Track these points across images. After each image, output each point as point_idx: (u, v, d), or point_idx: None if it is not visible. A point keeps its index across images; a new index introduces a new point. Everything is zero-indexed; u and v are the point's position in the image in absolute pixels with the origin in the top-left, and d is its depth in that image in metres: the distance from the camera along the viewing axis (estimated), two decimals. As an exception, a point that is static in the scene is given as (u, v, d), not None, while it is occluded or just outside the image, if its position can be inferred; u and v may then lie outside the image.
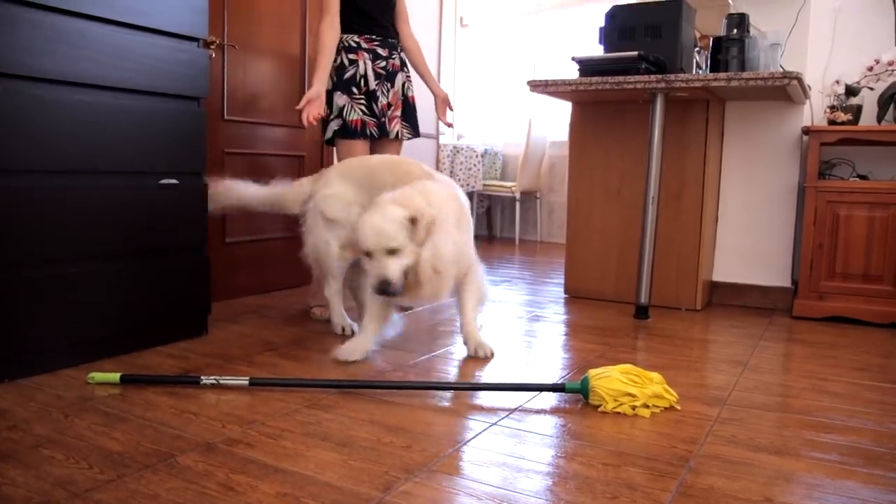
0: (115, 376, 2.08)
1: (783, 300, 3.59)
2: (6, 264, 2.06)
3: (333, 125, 3.03)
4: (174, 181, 2.54)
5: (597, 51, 3.48)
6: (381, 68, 3.08)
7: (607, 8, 3.49)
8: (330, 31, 2.97)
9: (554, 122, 6.46)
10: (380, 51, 3.09)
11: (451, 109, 3.39)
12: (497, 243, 6.67)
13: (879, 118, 3.40)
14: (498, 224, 7.17)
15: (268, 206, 2.93)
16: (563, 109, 3.91)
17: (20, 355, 2.12)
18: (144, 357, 2.40)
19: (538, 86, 3.42)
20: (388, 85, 3.11)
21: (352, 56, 3.03)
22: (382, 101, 3.07)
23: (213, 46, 3.26)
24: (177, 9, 2.50)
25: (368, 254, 2.23)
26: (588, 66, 3.33)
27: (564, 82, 3.32)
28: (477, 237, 2.43)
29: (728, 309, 3.58)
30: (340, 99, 3.01)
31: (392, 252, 2.21)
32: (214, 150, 3.30)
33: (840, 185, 3.30)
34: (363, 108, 3.02)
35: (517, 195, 6.38)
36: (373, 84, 3.04)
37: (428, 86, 3.37)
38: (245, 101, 3.51)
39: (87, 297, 2.28)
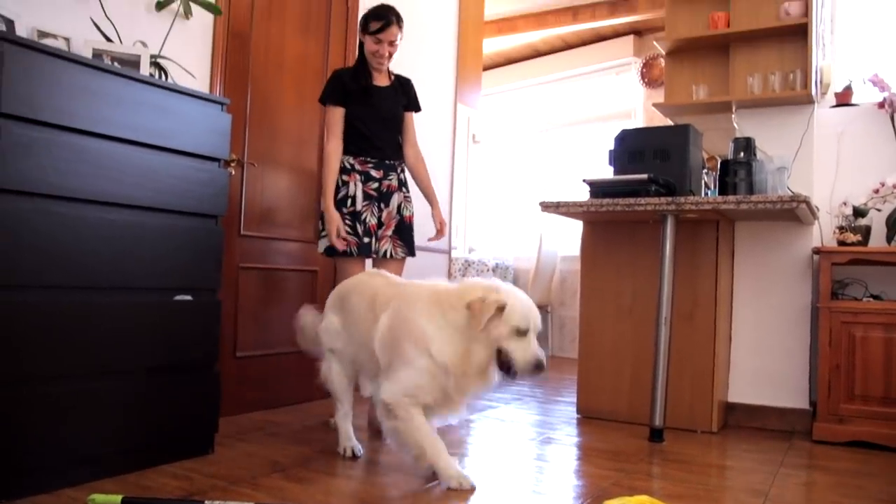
0: (117, 499, 2.03)
1: (801, 423, 3.50)
2: (13, 380, 2.05)
3: (325, 241, 3.16)
4: (188, 297, 2.56)
5: (606, 170, 3.56)
6: (374, 189, 3.19)
7: (614, 125, 3.60)
8: (335, 154, 3.16)
9: (565, 236, 6.53)
10: (373, 172, 3.19)
11: (441, 236, 3.41)
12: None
13: (889, 239, 3.42)
14: (509, 337, 7.11)
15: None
16: (574, 224, 3.96)
17: (20, 474, 2.08)
18: (148, 476, 2.35)
19: (549, 206, 3.47)
20: (381, 205, 3.20)
21: (345, 177, 3.18)
22: (370, 221, 3.16)
23: (233, 164, 3.35)
24: (201, 132, 2.59)
25: (521, 332, 2.22)
26: (599, 188, 3.40)
27: (576, 204, 3.38)
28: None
29: (745, 431, 3.48)
30: None
31: None
32: (230, 264, 3.33)
33: (854, 305, 3.28)
34: (347, 227, 3.13)
35: (528, 308, 6.35)
36: (360, 205, 3.15)
37: (431, 207, 3.41)
38: (261, 215, 3.58)
39: (93, 414, 2.25)
